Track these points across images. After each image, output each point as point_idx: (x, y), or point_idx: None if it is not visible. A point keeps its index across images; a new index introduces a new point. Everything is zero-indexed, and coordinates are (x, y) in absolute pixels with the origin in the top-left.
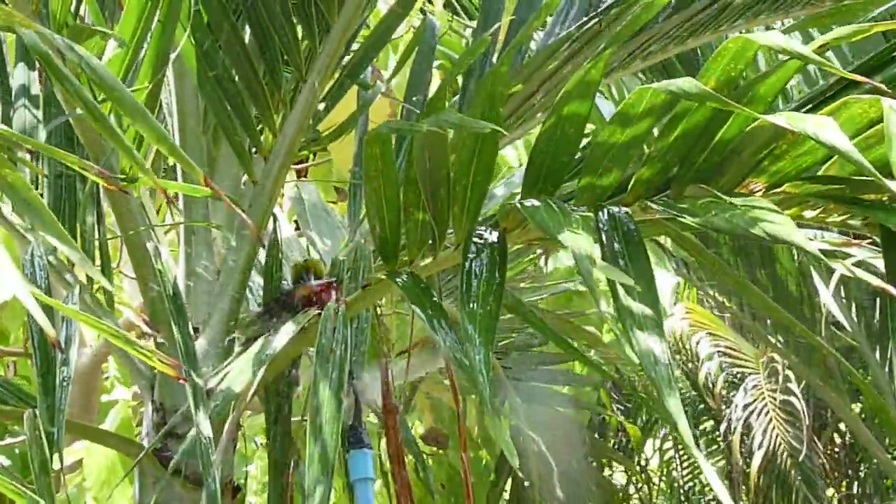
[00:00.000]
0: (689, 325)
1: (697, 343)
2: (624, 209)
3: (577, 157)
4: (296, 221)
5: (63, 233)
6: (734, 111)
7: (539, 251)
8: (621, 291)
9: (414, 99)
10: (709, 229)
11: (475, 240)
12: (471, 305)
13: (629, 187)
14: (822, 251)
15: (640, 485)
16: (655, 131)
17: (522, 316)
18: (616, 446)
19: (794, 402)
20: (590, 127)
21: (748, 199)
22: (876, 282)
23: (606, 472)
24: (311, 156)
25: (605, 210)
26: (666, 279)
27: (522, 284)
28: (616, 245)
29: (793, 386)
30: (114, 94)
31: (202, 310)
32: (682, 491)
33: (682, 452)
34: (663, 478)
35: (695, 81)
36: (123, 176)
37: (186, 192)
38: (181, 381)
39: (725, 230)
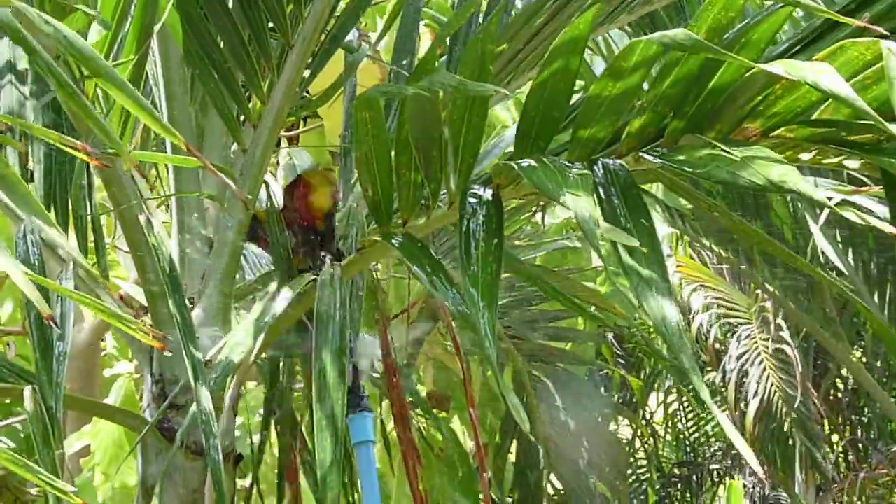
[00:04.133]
0: (682, 278)
1: (689, 295)
2: (618, 161)
3: (568, 112)
4: None
5: (51, 220)
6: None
7: (535, 209)
8: (625, 252)
9: (403, 62)
10: (710, 181)
11: (470, 199)
12: (472, 268)
13: (622, 139)
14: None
15: (645, 438)
16: (646, 86)
17: (524, 275)
18: (620, 401)
19: (787, 350)
20: (579, 83)
21: (748, 149)
22: (889, 228)
23: (612, 426)
24: (302, 122)
25: (600, 163)
26: (659, 230)
27: (518, 242)
28: (615, 199)
29: (785, 334)
30: (93, 66)
31: (197, 280)
32: (687, 442)
33: (686, 405)
34: (668, 430)
35: (688, 32)
36: (112, 151)
37: (174, 163)
38: (168, 354)
39: (728, 182)
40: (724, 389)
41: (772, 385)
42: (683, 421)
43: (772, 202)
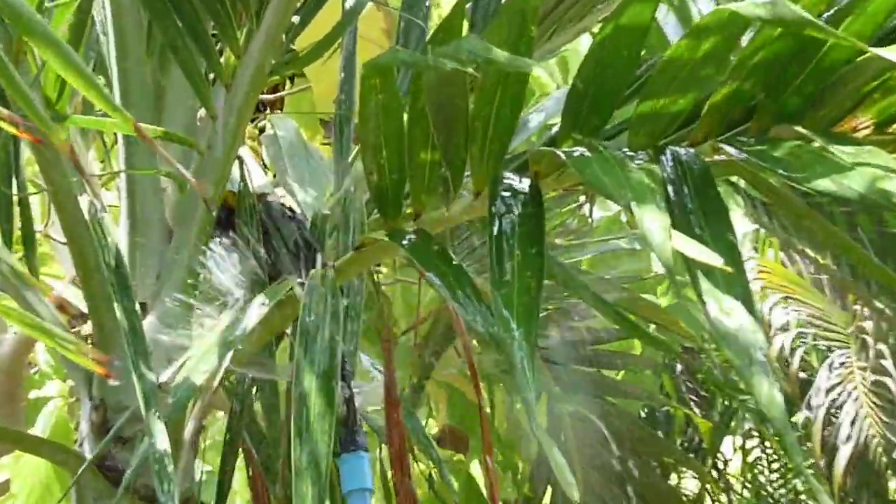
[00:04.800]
0: (764, 286)
1: (771, 309)
2: (691, 150)
3: (631, 82)
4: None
5: None
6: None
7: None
8: (701, 272)
9: (417, 12)
10: (809, 188)
11: (503, 190)
12: (505, 286)
13: (698, 120)
14: None
15: (716, 494)
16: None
17: (565, 284)
18: (685, 445)
19: (891, 385)
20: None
21: (860, 149)
22: None
23: (672, 478)
24: (288, 82)
25: (668, 152)
26: (738, 225)
27: (559, 240)
28: (688, 201)
29: (888, 364)
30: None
31: (151, 281)
32: (770, 500)
33: (770, 452)
34: (747, 484)
35: (790, 5)
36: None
37: (123, 131)
38: (113, 381)
39: (831, 193)
40: (808, 430)
41: (869, 427)
42: (766, 473)
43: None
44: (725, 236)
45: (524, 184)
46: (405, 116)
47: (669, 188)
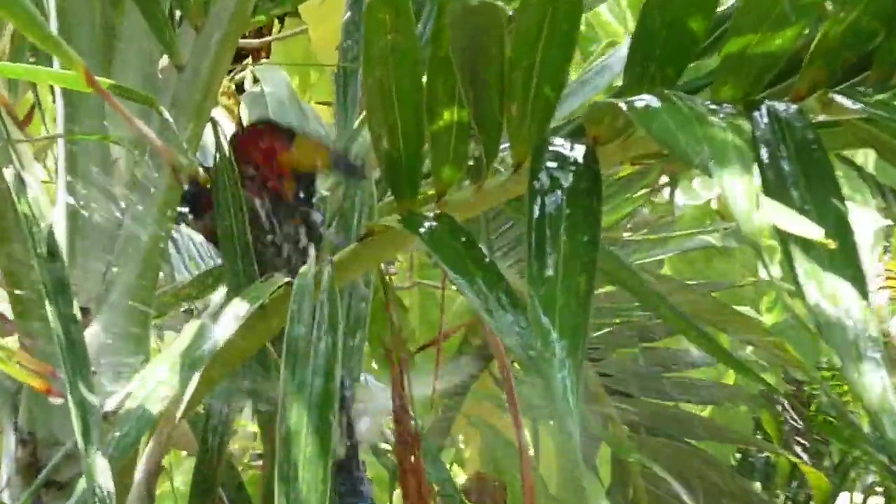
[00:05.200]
0: (891, 297)
1: None
2: (793, 106)
3: (713, 24)
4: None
5: None
6: None
7: (657, 182)
8: (798, 249)
9: None
10: None
11: (549, 161)
12: (545, 283)
13: (802, 69)
14: None
15: None
16: None
17: (634, 292)
18: (789, 502)
19: None
20: None
21: None
22: None
23: None
24: (277, 23)
25: (764, 107)
26: (864, 220)
27: (628, 234)
28: (785, 165)
29: None
30: None
31: (96, 279)
32: None
33: None
34: None
35: None
36: None
37: (62, 84)
38: (55, 398)
39: None
40: None
41: None
42: None
43: None
44: (832, 206)
45: (577, 151)
46: (424, 65)
47: (763, 151)
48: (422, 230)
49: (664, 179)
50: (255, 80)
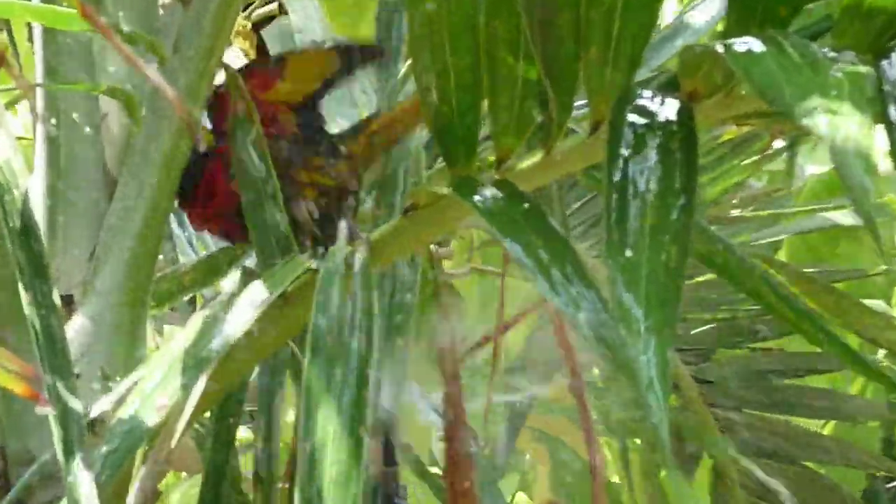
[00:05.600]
0: None
1: None
2: None
3: None
4: None
5: None
6: None
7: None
8: None
9: None
10: None
11: (633, 117)
12: (627, 256)
13: None
14: None
15: None
16: None
17: (742, 283)
18: None
19: None
20: None
21: None
22: None
23: None
24: None
25: (894, 56)
26: None
27: (735, 211)
28: None
29: None
30: None
31: (81, 260)
32: None
33: None
34: None
35: None
36: None
37: (42, 22)
38: (42, 408)
39: None
40: None
41: None
42: None
43: None
44: None
45: (668, 108)
46: (482, 4)
47: (893, 109)
48: (478, 199)
49: (780, 143)
50: (279, 15)
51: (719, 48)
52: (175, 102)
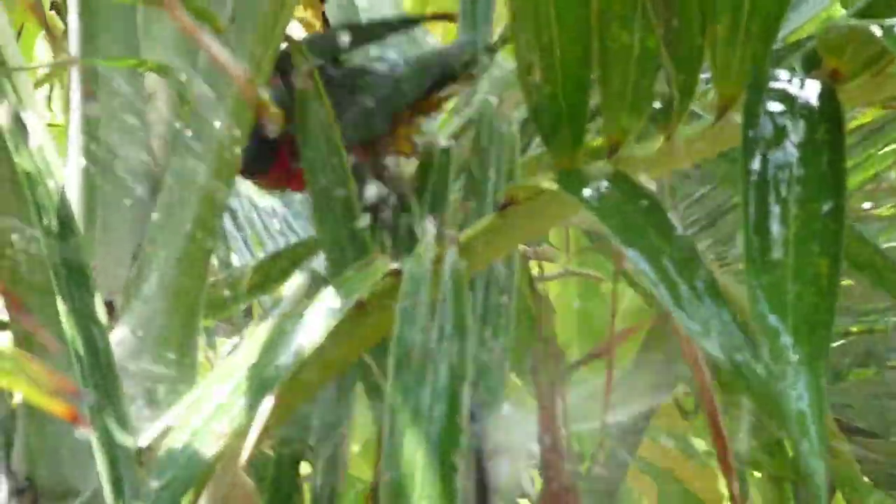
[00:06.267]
0: None
1: None
2: None
3: None
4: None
5: None
6: None
7: None
8: None
9: None
10: None
11: (770, 104)
12: (771, 258)
13: None
14: None
15: None
16: None
17: (888, 286)
18: None
19: None
20: None
21: None
22: None
23: None
24: None
25: None
26: None
27: (868, 206)
28: None
29: None
30: None
31: (123, 262)
32: None
33: None
34: None
35: None
36: None
37: None
38: (83, 431)
39: None
40: None
41: None
42: None
43: None
44: None
45: (810, 91)
46: None
47: None
48: (588, 194)
49: None
50: None
51: (874, 29)
52: (236, 75)
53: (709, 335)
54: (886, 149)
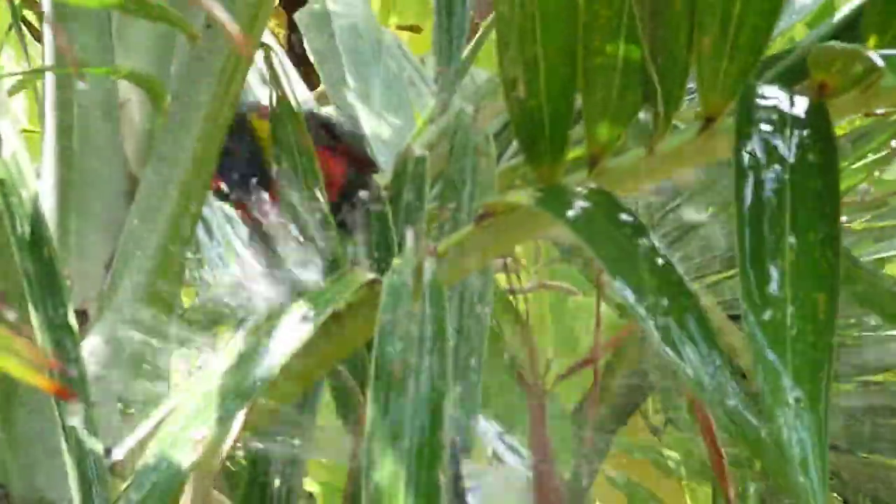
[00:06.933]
0: None
1: None
2: None
3: None
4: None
5: None
6: None
7: None
8: None
9: None
10: None
11: (760, 114)
12: (769, 293)
13: None
14: None
15: None
16: None
17: (868, 301)
18: None
19: None
20: None
21: None
22: None
23: None
24: None
25: None
26: None
27: (842, 220)
28: None
29: None
30: None
31: (97, 271)
32: None
33: None
34: None
35: None
36: None
37: None
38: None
39: None
40: None
41: None
42: None
43: None
44: None
45: (798, 106)
46: None
47: None
48: (568, 212)
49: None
50: None
51: (869, 54)
52: (233, 33)
53: (700, 378)
54: (858, 163)
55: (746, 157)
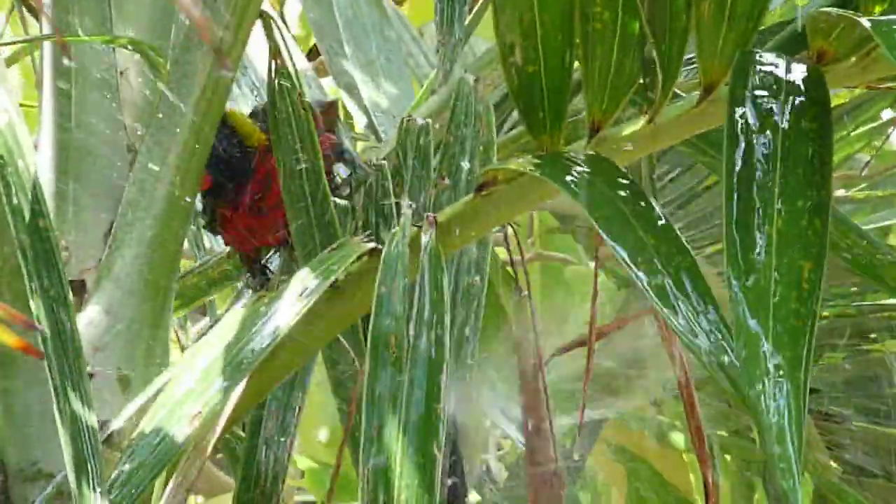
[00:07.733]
0: None
1: None
2: None
3: None
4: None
5: None
6: None
7: None
8: None
9: None
10: None
11: (755, 83)
12: (753, 257)
13: None
14: None
15: None
16: None
17: (867, 270)
18: None
19: None
20: None
21: None
22: None
23: None
24: None
25: None
26: None
27: (841, 192)
28: None
29: None
30: None
31: (96, 242)
32: None
33: None
34: None
35: None
36: None
37: None
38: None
39: None
40: None
41: None
42: None
43: None
44: None
45: (797, 72)
46: None
47: None
48: (567, 178)
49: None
50: None
51: (864, 21)
52: (201, 26)
53: (694, 334)
54: (859, 130)
55: (739, 122)
